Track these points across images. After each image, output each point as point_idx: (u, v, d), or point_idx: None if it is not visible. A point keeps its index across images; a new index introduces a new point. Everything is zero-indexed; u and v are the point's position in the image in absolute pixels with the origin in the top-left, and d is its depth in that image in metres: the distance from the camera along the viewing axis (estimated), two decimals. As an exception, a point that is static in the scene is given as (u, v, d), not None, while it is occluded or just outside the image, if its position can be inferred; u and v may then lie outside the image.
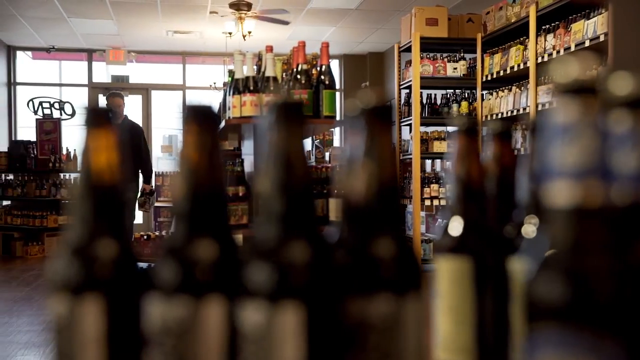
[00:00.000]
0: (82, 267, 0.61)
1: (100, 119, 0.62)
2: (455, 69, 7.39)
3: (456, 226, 0.87)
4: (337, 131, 11.41)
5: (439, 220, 7.96)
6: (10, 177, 9.88)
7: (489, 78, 6.91)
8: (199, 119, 0.61)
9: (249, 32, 9.19)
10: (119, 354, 0.61)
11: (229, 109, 3.86)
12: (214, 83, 11.75)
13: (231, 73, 4.17)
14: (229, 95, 3.89)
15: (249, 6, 8.72)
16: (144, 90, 12.58)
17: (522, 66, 6.21)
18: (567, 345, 0.48)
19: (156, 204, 11.26)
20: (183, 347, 0.58)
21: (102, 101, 12.53)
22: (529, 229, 0.87)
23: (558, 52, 5.61)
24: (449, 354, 0.86)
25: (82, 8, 9.48)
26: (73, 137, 11.68)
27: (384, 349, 0.61)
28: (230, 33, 9.50)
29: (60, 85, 12.61)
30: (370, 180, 0.60)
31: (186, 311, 0.58)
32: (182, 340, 0.58)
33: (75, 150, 10.32)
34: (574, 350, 0.48)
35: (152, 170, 8.07)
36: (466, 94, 7.49)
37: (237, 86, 3.70)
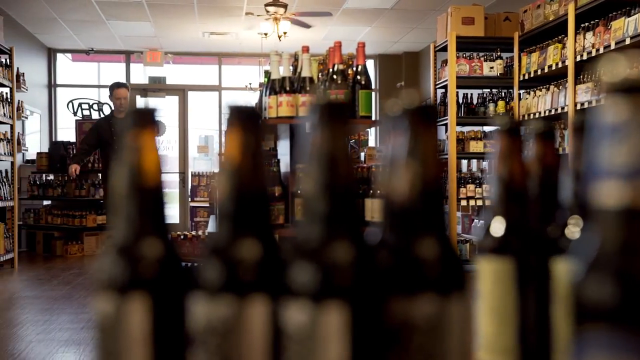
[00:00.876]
0: (128, 266, 0.62)
1: (145, 119, 0.63)
2: (491, 68, 7.32)
3: (498, 227, 0.86)
4: (372, 131, 11.40)
5: (475, 220, 7.90)
6: (51, 177, 10.06)
7: (526, 77, 6.84)
8: (242, 120, 0.62)
9: (285, 33, 9.23)
10: (163, 352, 0.61)
11: (265, 109, 3.88)
12: (250, 84, 11.82)
13: (267, 74, 4.19)
14: (266, 95, 3.91)
15: (284, 6, 8.75)
16: (181, 91, 12.70)
17: (560, 65, 6.13)
18: (617, 347, 0.48)
19: (192, 204, 11.36)
20: (227, 346, 0.59)
21: (140, 102, 12.66)
22: (573, 229, 0.86)
23: (598, 50, 5.52)
24: (491, 355, 0.85)
25: (121, 10, 9.60)
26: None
27: (427, 350, 0.60)
28: (265, 34, 9.54)
29: (99, 86, 12.80)
30: (414, 181, 0.60)
31: (230, 310, 0.59)
32: (226, 339, 0.59)
33: (113, 150, 10.47)
34: (624, 353, 0.47)
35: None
36: (503, 94, 7.42)
37: (273, 87, 3.71)
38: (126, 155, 0.63)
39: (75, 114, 11.43)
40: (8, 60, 8.30)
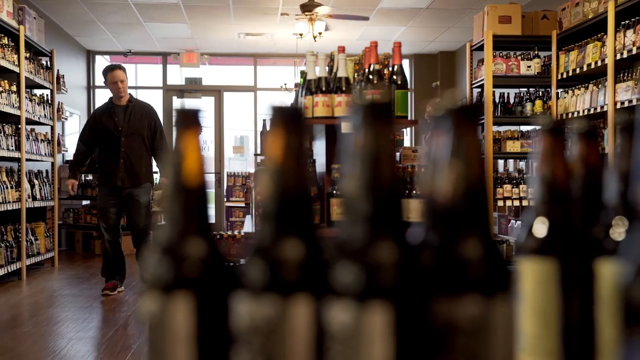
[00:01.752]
0: (173, 265, 0.62)
1: (190, 120, 0.64)
2: (529, 67, 7.24)
3: (541, 227, 0.85)
4: (407, 131, 11.34)
5: (512, 221, 7.81)
6: (90, 177, 10.21)
7: (565, 76, 6.75)
8: (285, 120, 0.62)
9: (320, 33, 9.24)
10: (208, 351, 0.62)
11: (302, 109, 3.88)
12: (285, 84, 11.86)
13: (303, 74, 4.20)
14: (301, 96, 3.91)
15: (319, 7, 8.76)
16: (216, 92, 12.80)
17: (599, 63, 6.04)
18: (668, 351, 0.47)
19: (227, 204, 11.43)
20: (271, 345, 0.59)
21: (177, 103, 12.79)
22: (618, 230, 0.85)
23: (639, 48, 5.43)
24: (534, 358, 0.84)
25: (158, 13, 9.71)
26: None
27: (471, 351, 0.60)
28: (301, 34, 9.56)
29: (136, 87, 12.95)
30: (458, 181, 0.60)
31: (274, 310, 0.59)
32: (270, 338, 0.59)
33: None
34: (675, 357, 0.47)
35: None
36: (540, 93, 7.34)
37: (309, 87, 3.72)
38: (172, 156, 0.64)
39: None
40: (49, 63, 8.45)
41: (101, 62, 12.71)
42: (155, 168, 6.59)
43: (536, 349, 0.84)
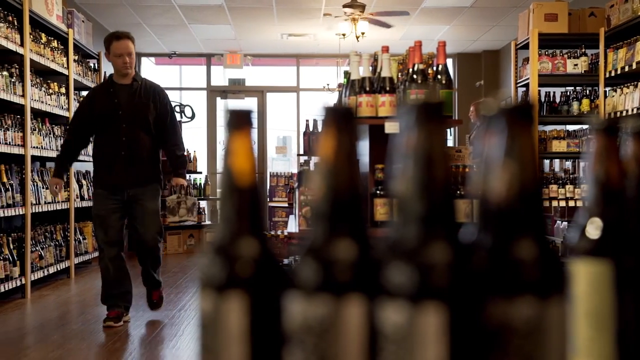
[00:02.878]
0: (226, 265, 0.63)
1: (241, 120, 0.64)
2: (575, 65, 7.13)
3: (595, 228, 0.84)
4: (450, 131, 11.25)
5: (557, 222, 7.69)
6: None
7: (613, 74, 6.62)
8: (337, 120, 0.62)
9: (362, 33, 9.22)
10: (261, 350, 0.63)
11: (353, 110, 3.87)
12: (328, 84, 11.87)
13: (347, 74, 4.20)
14: (345, 96, 3.91)
15: (362, 7, 8.75)
16: (259, 93, 12.87)
17: (649, 61, 5.91)
18: None
19: (270, 204, 11.48)
20: (324, 345, 0.59)
21: (227, 103, 12.94)
22: (674, 232, 0.83)
23: (690, 45, 5.30)
24: (587, 361, 0.82)
25: (202, 14, 9.81)
26: (192, 139, 12.11)
27: (525, 353, 0.59)
28: (343, 34, 9.56)
29: (181, 89, 13.11)
30: (512, 181, 0.59)
31: (327, 310, 0.59)
32: (322, 338, 0.59)
33: (195, 151, 10.69)
34: None
35: (184, 157, 5.27)
36: (587, 91, 7.21)
37: (353, 87, 3.71)
38: (224, 156, 0.64)
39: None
40: (96, 65, 8.61)
41: (147, 64, 12.89)
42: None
43: (590, 352, 0.82)
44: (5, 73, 5.91)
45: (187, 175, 10.75)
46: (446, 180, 0.57)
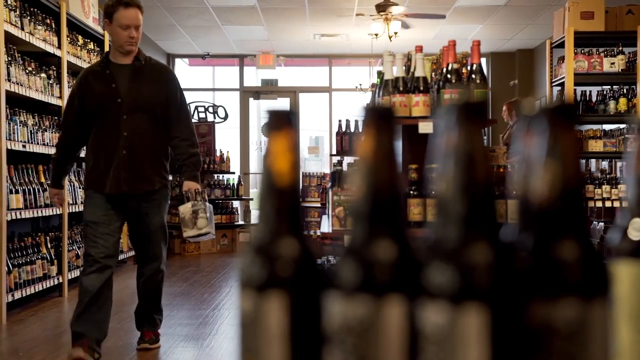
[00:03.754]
0: (266, 265, 0.63)
1: (281, 121, 0.65)
2: (612, 64, 7.02)
3: (636, 229, 0.83)
4: (484, 131, 11.16)
5: (594, 222, 7.58)
6: (170, 178, 10.44)
7: (651, 72, 6.51)
8: (377, 120, 0.62)
9: (395, 33, 9.20)
10: (300, 350, 0.63)
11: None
12: (360, 84, 11.86)
13: (380, 74, 4.19)
14: (378, 96, 3.91)
15: (395, 7, 8.72)
16: (292, 93, 12.91)
17: (688, 59, 5.80)
18: None
19: (303, 204, 11.50)
20: (364, 345, 0.59)
21: (254, 104, 13.02)
22: None
23: None
24: (629, 364, 0.81)
25: (236, 15, 9.87)
26: (225, 139, 12.19)
27: (568, 355, 0.59)
28: (376, 34, 9.54)
29: (214, 89, 13.21)
30: (554, 182, 0.59)
31: (367, 310, 0.59)
32: (362, 338, 0.59)
33: (227, 152, 10.76)
34: None
35: (198, 155, 4.12)
36: (625, 90, 7.10)
37: (386, 87, 3.70)
38: (265, 157, 0.65)
39: (192, 116, 11.84)
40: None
41: (180, 65, 13.00)
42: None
43: (632, 355, 0.81)
44: (43, 75, 6.02)
45: (215, 176, 10.74)
46: (487, 180, 0.57)
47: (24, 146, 5.49)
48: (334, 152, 8.36)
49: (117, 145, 3.84)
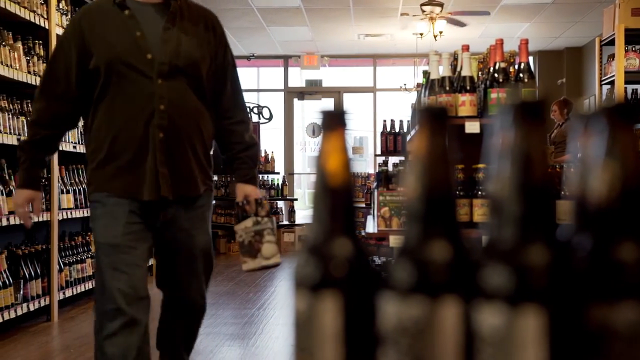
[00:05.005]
0: (320, 265, 0.63)
1: (336, 121, 0.65)
2: (664, 61, 6.85)
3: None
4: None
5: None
6: (215, 178, 10.55)
7: None
8: (432, 120, 0.62)
9: (440, 32, 9.13)
10: (355, 350, 0.63)
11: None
12: (404, 84, 11.81)
13: (426, 74, 4.17)
14: (424, 96, 3.88)
15: (440, 6, 8.66)
16: (336, 93, 12.92)
17: None
18: None
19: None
20: (419, 346, 0.59)
21: (299, 105, 13.05)
22: None
23: None
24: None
25: (280, 17, 9.92)
26: (270, 139, 12.26)
27: (629, 359, 0.58)
28: (421, 34, 9.49)
29: (258, 90, 13.29)
30: (614, 182, 0.57)
31: (422, 311, 0.59)
32: (417, 339, 0.59)
33: (272, 152, 10.81)
34: None
35: (257, 146, 2.86)
36: (677, 88, 6.93)
37: (432, 87, 3.68)
38: (318, 157, 0.65)
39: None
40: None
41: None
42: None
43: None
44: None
45: (260, 177, 9.53)
46: (546, 180, 0.56)
47: (74, 147, 5.60)
48: (379, 152, 8.34)
49: (148, 125, 2.50)
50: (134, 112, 2.52)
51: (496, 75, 3.52)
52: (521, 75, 3.54)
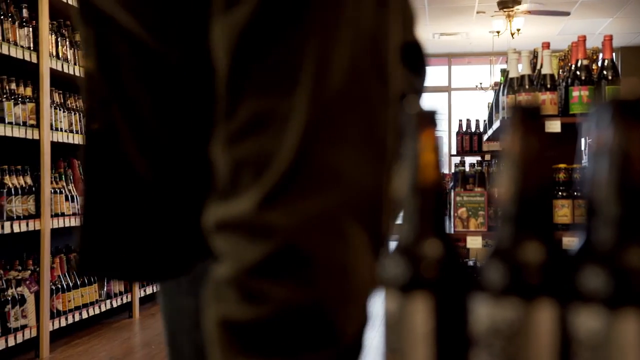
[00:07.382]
0: (411, 266, 0.63)
1: (427, 120, 0.65)
2: None
3: None
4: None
5: None
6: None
7: None
8: (526, 119, 0.61)
9: (518, 30, 8.96)
10: (446, 351, 0.62)
11: (503, 109, 3.79)
12: (480, 83, 11.64)
13: (504, 72, 4.10)
14: (502, 95, 3.83)
15: (518, 3, 8.50)
16: (411, 94, 12.83)
17: None
18: None
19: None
20: (513, 349, 0.58)
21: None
22: None
23: None
24: None
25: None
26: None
27: None
28: (497, 32, 9.33)
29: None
30: None
31: (516, 314, 0.58)
32: (511, 342, 0.58)
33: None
34: None
35: None
36: None
37: (511, 85, 3.62)
38: (408, 157, 0.65)
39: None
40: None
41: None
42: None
43: None
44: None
45: None
46: (647, 181, 0.54)
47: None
48: (454, 152, 8.24)
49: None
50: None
51: (578, 72, 3.44)
52: (605, 72, 3.45)
